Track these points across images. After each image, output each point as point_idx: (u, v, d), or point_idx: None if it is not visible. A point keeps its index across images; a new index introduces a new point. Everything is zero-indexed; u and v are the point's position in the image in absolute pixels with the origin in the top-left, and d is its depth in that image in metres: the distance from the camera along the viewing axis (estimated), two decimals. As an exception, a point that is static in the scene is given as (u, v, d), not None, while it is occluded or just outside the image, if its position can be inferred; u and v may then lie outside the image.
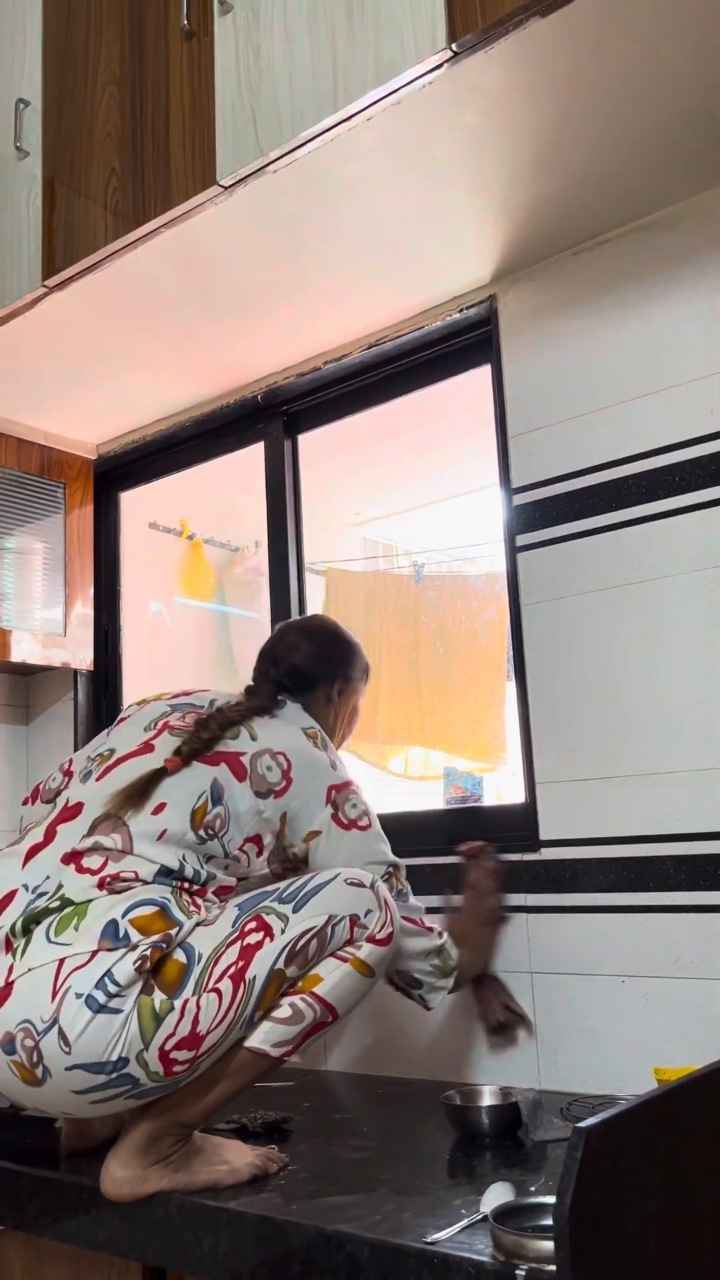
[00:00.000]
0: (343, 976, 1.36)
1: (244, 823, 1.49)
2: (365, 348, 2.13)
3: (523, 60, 1.37)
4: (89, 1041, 1.23)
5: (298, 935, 1.33)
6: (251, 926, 1.33)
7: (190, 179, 1.66)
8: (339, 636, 1.84)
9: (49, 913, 1.32)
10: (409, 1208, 1.20)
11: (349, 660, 1.82)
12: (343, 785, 1.59)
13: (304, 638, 1.80)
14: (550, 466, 1.83)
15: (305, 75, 1.51)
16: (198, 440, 2.50)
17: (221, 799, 1.48)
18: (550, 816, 1.76)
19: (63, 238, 1.86)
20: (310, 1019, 1.34)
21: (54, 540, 2.51)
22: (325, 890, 1.39)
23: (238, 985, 1.29)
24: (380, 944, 1.39)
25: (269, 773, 1.53)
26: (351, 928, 1.37)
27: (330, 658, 1.79)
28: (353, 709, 1.84)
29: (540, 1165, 1.34)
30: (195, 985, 1.28)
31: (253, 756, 1.53)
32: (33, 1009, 1.25)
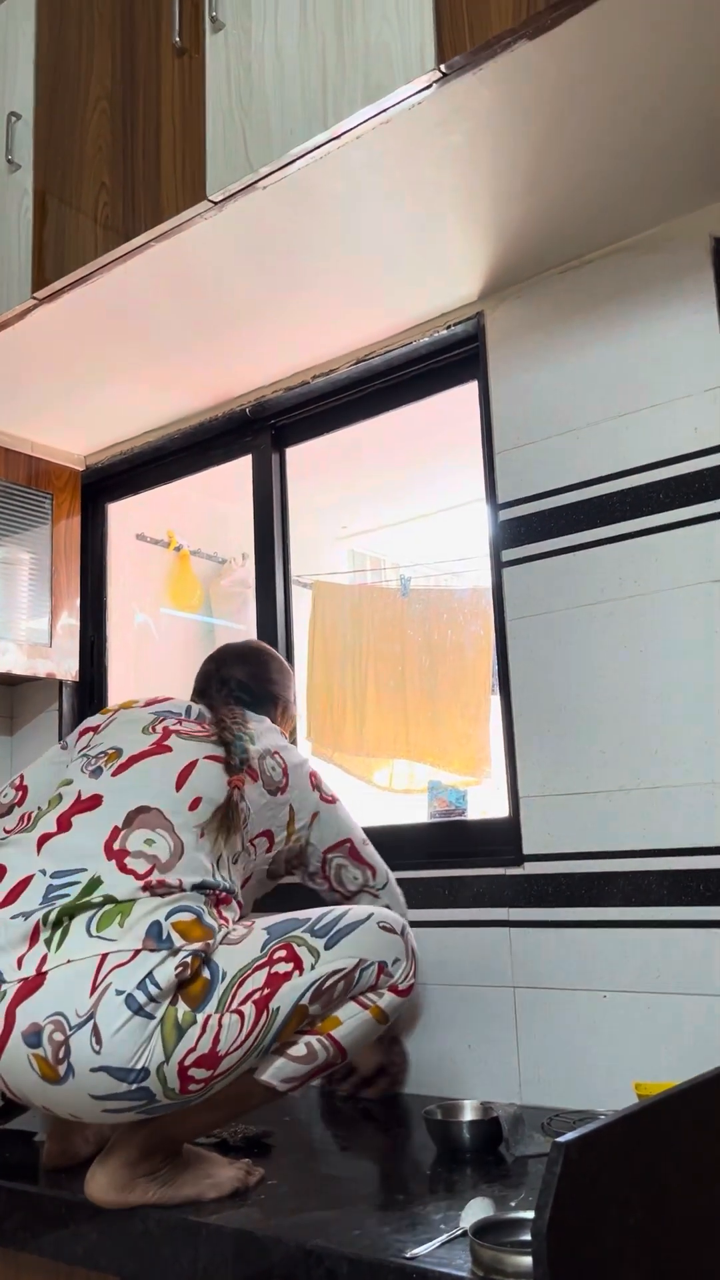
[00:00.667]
0: (360, 1023, 1.36)
1: (259, 818, 1.56)
2: (353, 363, 2.14)
3: (510, 82, 1.39)
4: (121, 1043, 1.21)
5: (326, 974, 1.33)
6: (281, 955, 1.33)
7: (181, 194, 1.67)
8: (282, 662, 1.96)
9: (89, 907, 1.30)
10: (389, 1223, 1.19)
11: (290, 686, 1.94)
12: (313, 772, 1.73)
13: (250, 661, 1.90)
14: (536, 482, 1.84)
15: (295, 93, 1.52)
16: (186, 452, 2.50)
17: (244, 795, 1.54)
18: (534, 831, 1.77)
19: (53, 250, 1.87)
20: (322, 1060, 1.34)
21: (41, 551, 2.51)
22: (359, 931, 1.39)
23: (261, 1012, 1.28)
24: (401, 994, 1.41)
25: (274, 772, 1.62)
26: (378, 975, 1.38)
27: (277, 680, 1.90)
28: (294, 718, 1.97)
29: (521, 1180, 1.34)
30: (219, 1003, 1.27)
31: (259, 759, 1.61)
32: (68, 1002, 1.22)
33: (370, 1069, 1.81)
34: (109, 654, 2.66)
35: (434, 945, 1.85)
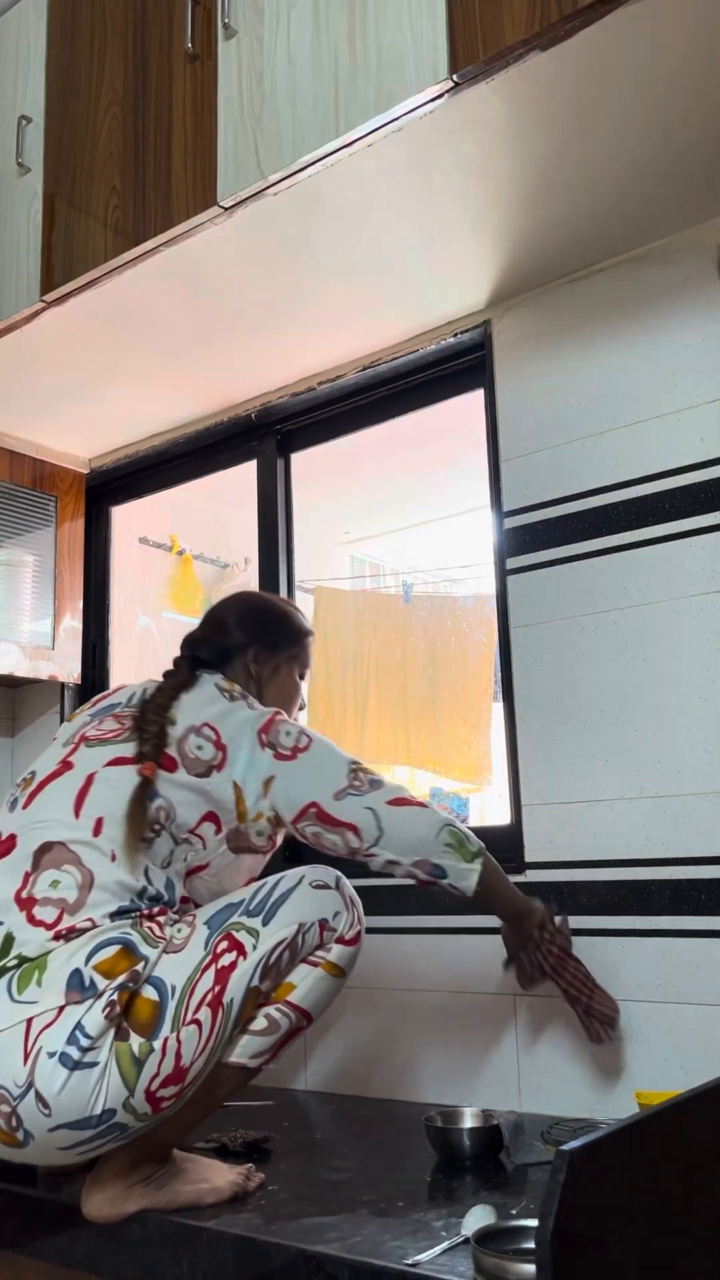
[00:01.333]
0: (315, 982, 1.36)
1: (189, 807, 1.43)
2: (360, 369, 2.15)
3: (522, 92, 1.39)
4: (69, 1100, 1.19)
5: (270, 950, 1.33)
6: (224, 947, 1.31)
7: (191, 199, 1.67)
8: (257, 605, 1.76)
9: (4, 971, 1.26)
10: (389, 1229, 1.19)
11: (267, 626, 1.72)
12: (267, 723, 1.50)
13: (220, 612, 1.74)
14: (541, 491, 1.84)
15: (307, 101, 1.53)
16: (191, 456, 2.51)
17: (157, 793, 1.42)
18: (536, 838, 1.77)
19: (62, 254, 1.88)
20: (286, 1027, 1.34)
21: (44, 553, 2.51)
22: (292, 897, 1.38)
23: (216, 1011, 1.28)
24: (349, 944, 1.39)
25: (201, 751, 1.46)
26: (321, 932, 1.37)
27: (246, 624, 1.70)
28: (283, 682, 1.71)
29: (521, 1188, 1.34)
30: (173, 1021, 1.25)
31: (178, 744, 1.46)
32: (5, 1073, 1.20)
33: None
34: (111, 657, 2.66)
35: (434, 952, 1.85)
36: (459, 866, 1.46)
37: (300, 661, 1.75)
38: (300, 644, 1.75)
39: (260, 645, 1.68)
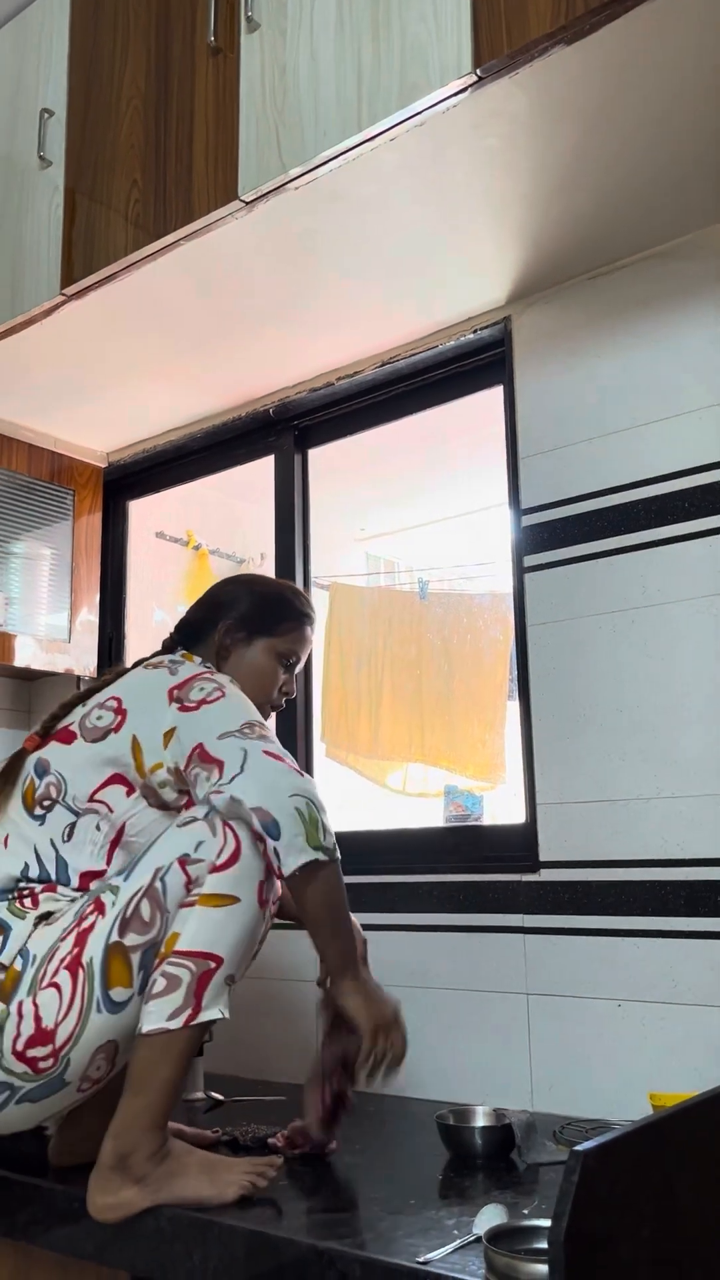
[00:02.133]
0: (198, 921, 1.29)
1: (86, 774, 1.44)
2: (378, 365, 2.14)
3: (546, 86, 1.39)
4: None
5: (125, 902, 1.31)
6: (89, 910, 1.33)
7: (212, 193, 1.67)
8: (251, 581, 1.71)
9: None
10: (401, 1226, 1.19)
11: (253, 601, 1.64)
12: (184, 681, 1.44)
13: (213, 588, 1.72)
14: (560, 488, 1.83)
15: (330, 95, 1.53)
16: (208, 451, 2.51)
17: (48, 769, 1.46)
18: (550, 837, 1.76)
19: (82, 247, 1.88)
20: (189, 978, 1.28)
21: (61, 546, 2.51)
22: (154, 847, 1.35)
23: (75, 972, 1.30)
24: (224, 867, 1.31)
25: (99, 720, 1.46)
26: (183, 869, 1.31)
27: (222, 599, 1.65)
28: (256, 662, 1.61)
29: (533, 1188, 1.33)
30: (29, 987, 1.30)
31: (80, 720, 1.48)
32: None
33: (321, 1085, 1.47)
34: (127, 651, 2.66)
35: (447, 950, 1.84)
36: (295, 839, 1.30)
37: (283, 646, 1.64)
38: (285, 626, 1.64)
39: (237, 618, 1.61)
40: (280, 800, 1.31)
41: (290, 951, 2.04)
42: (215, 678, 1.47)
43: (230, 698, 1.43)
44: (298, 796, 1.32)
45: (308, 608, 1.70)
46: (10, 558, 2.42)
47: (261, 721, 1.42)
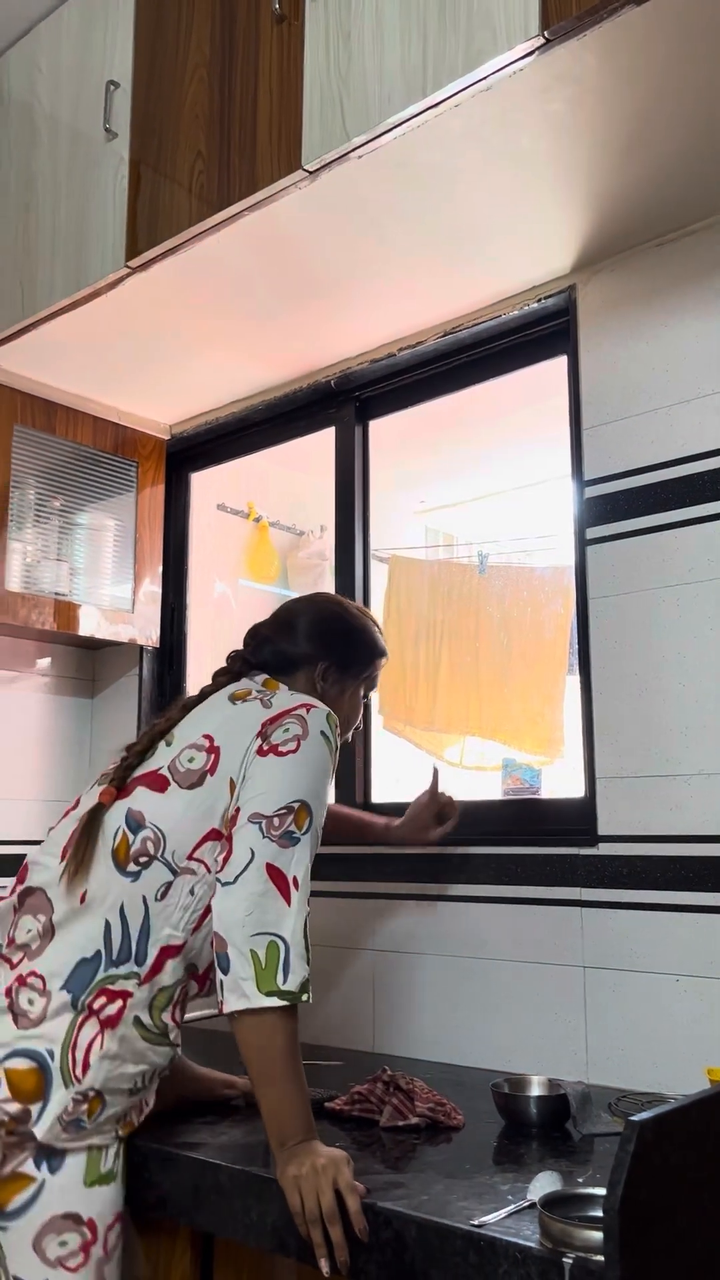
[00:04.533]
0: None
1: (186, 828, 1.33)
2: (441, 335, 2.13)
3: (615, 47, 1.36)
4: None
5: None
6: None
7: (275, 163, 1.67)
8: (338, 616, 1.63)
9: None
10: (455, 1190, 1.21)
11: (346, 643, 1.60)
12: (278, 716, 1.36)
13: (297, 615, 1.63)
14: (624, 460, 1.81)
15: (395, 62, 1.51)
16: (269, 423, 2.52)
17: (143, 822, 1.34)
18: (610, 812, 1.75)
19: (146, 219, 1.89)
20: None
21: (125, 518, 2.55)
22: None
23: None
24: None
25: (192, 763, 1.36)
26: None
27: (319, 636, 1.58)
28: (348, 702, 1.62)
29: (588, 1158, 1.34)
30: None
31: (170, 764, 1.38)
32: None
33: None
34: (189, 621, 2.70)
35: (504, 921, 1.85)
36: (242, 982, 1.21)
37: (369, 682, 1.66)
38: (374, 664, 1.66)
39: (331, 661, 1.57)
40: (241, 936, 1.23)
41: (345, 920, 2.07)
42: (307, 718, 1.37)
43: (302, 754, 1.33)
44: (262, 936, 1.23)
45: (382, 640, 1.71)
46: (76, 528, 2.46)
47: (306, 802, 1.31)
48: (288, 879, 1.26)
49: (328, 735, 1.37)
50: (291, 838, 1.28)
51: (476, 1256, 1.06)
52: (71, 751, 2.66)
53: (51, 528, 2.42)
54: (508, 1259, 1.04)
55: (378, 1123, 1.49)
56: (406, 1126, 1.46)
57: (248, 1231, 1.26)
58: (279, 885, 1.25)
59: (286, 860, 1.27)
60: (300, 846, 1.29)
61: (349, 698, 1.62)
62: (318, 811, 1.32)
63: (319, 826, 1.33)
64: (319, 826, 1.33)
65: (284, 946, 1.23)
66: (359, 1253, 1.14)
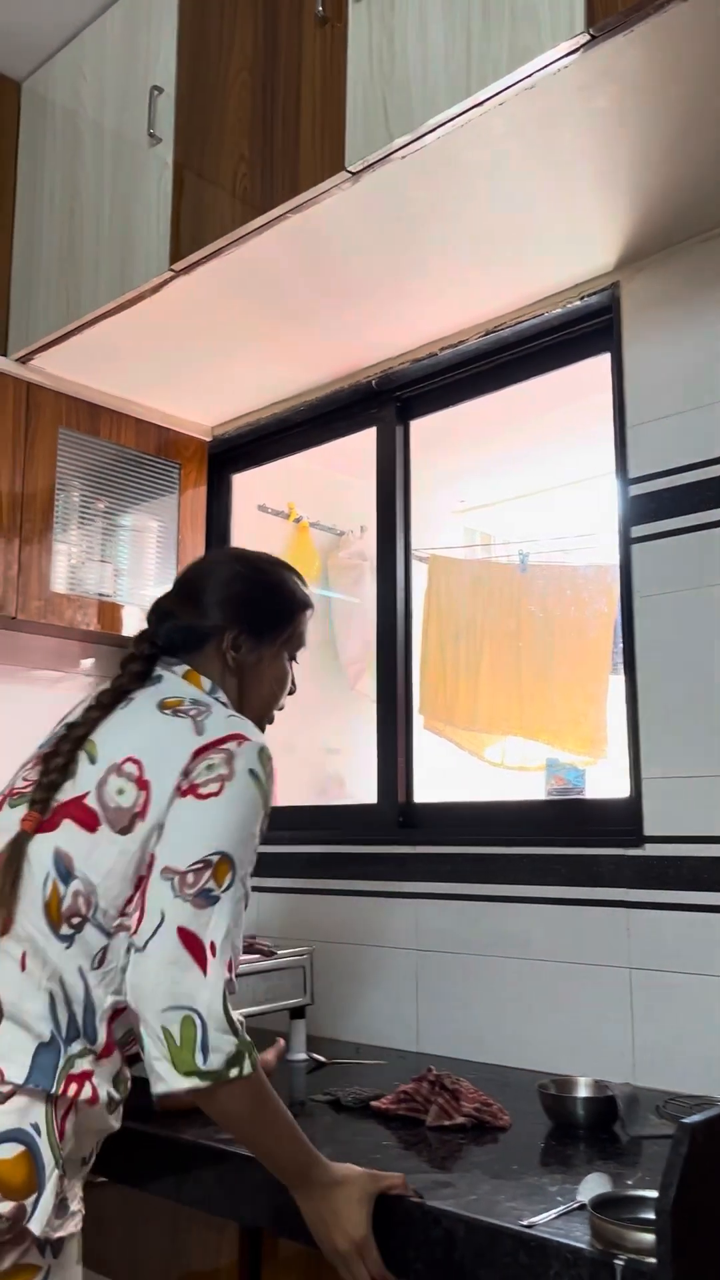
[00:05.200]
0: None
1: (117, 881, 1.14)
2: (482, 334, 2.12)
3: (660, 43, 1.35)
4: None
5: None
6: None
7: (319, 165, 1.67)
8: (239, 575, 1.40)
9: None
10: (504, 1191, 1.21)
11: (255, 603, 1.38)
12: (208, 746, 1.18)
13: (195, 580, 1.41)
14: (669, 457, 1.80)
15: (439, 61, 1.51)
16: (311, 424, 2.52)
17: (73, 871, 1.14)
18: (656, 812, 1.74)
19: (190, 222, 1.90)
20: None
21: (168, 519, 2.57)
22: None
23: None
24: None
25: (122, 797, 1.16)
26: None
27: (223, 601, 1.36)
28: (271, 671, 1.40)
29: (636, 1160, 1.33)
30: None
31: (97, 788, 1.17)
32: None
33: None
34: (230, 622, 2.71)
35: (549, 922, 1.84)
36: (157, 1063, 1.07)
37: (294, 642, 1.44)
38: (294, 622, 1.43)
39: (243, 628, 1.36)
40: (152, 1012, 1.08)
41: (388, 918, 2.07)
42: (235, 754, 1.18)
43: (225, 798, 1.15)
44: (175, 1010, 1.08)
45: (307, 588, 1.49)
46: (119, 530, 2.49)
47: (228, 854, 1.14)
48: (203, 945, 1.10)
49: (257, 774, 1.19)
50: (208, 896, 1.11)
51: (527, 1257, 1.06)
52: (115, 751, 2.68)
53: (95, 529, 2.44)
54: (559, 1260, 1.04)
55: (424, 1122, 1.49)
56: (452, 1126, 1.46)
57: (295, 1227, 1.26)
58: (193, 952, 1.09)
59: (202, 923, 1.10)
60: (219, 906, 1.12)
61: (270, 666, 1.39)
62: (242, 862, 1.15)
63: (245, 877, 1.16)
64: (245, 877, 1.16)
65: (199, 1021, 1.07)
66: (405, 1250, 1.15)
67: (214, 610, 1.36)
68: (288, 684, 1.44)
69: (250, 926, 2.32)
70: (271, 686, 1.41)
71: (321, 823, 2.38)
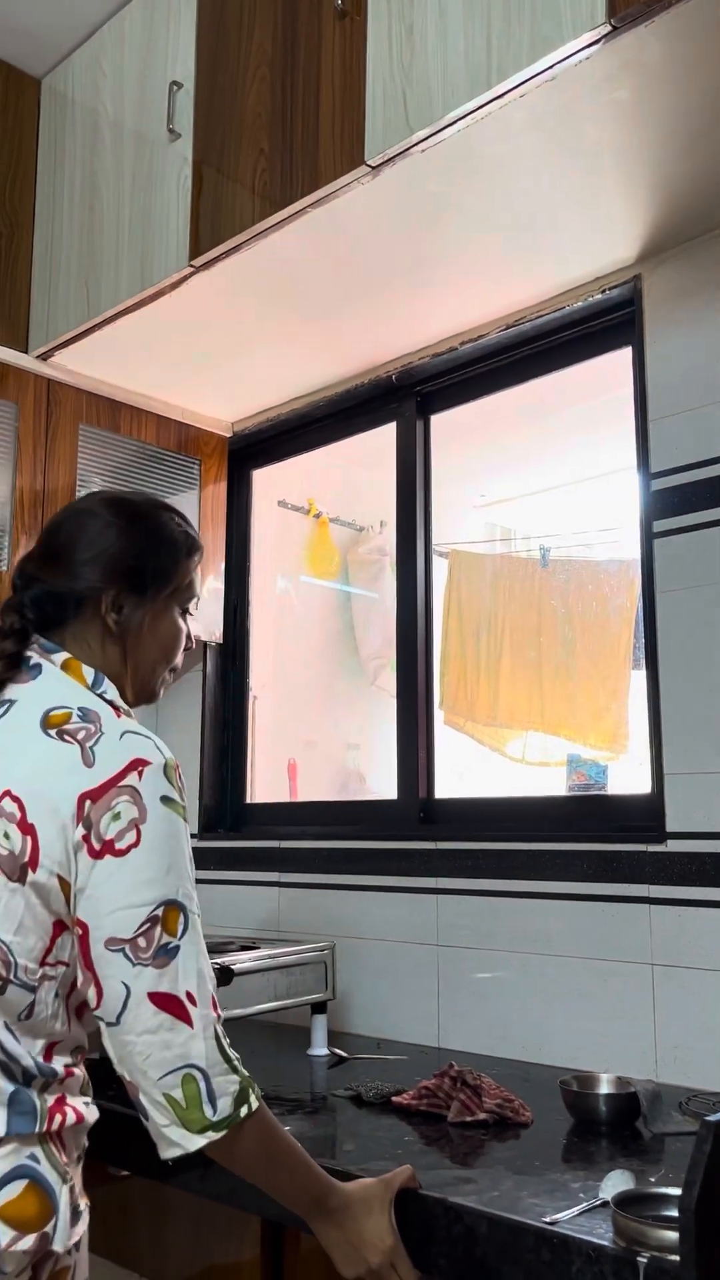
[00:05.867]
0: None
1: (31, 934, 1.05)
2: (502, 328, 2.11)
3: (683, 33, 1.33)
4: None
5: None
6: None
7: (338, 160, 1.67)
8: (109, 524, 1.23)
9: None
10: (526, 1187, 1.20)
11: (132, 554, 1.22)
12: (106, 785, 1.05)
13: (60, 536, 1.24)
14: (692, 451, 1.78)
15: (458, 54, 1.50)
16: (331, 419, 2.52)
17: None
18: (678, 808, 1.73)
19: (210, 218, 1.90)
20: None
21: (188, 515, 2.56)
22: None
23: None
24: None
25: (9, 841, 1.05)
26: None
27: (94, 559, 1.21)
28: (160, 630, 1.25)
29: (659, 1157, 1.33)
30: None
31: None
32: None
33: None
34: (251, 618, 2.72)
35: (570, 918, 1.84)
36: (167, 1129, 1.03)
37: (183, 596, 1.28)
38: (180, 570, 1.27)
39: (122, 586, 1.21)
40: (149, 1083, 1.03)
41: (409, 914, 2.07)
42: (140, 789, 1.06)
43: (147, 843, 1.05)
44: (173, 1075, 1.03)
45: (194, 531, 1.32)
46: (139, 527, 2.49)
47: (175, 901, 1.06)
48: (179, 999, 1.04)
49: (170, 797, 1.08)
50: (167, 950, 1.04)
51: (549, 1253, 1.06)
52: (137, 746, 2.69)
53: (116, 526, 2.45)
54: (581, 1257, 1.04)
55: (445, 1118, 1.49)
56: (474, 1122, 1.46)
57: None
58: (173, 1011, 1.03)
59: (171, 979, 1.04)
60: (182, 954, 1.05)
61: (160, 624, 1.25)
62: (188, 896, 1.07)
63: (195, 911, 1.08)
64: (195, 911, 1.08)
65: (201, 1076, 1.03)
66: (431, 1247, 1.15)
67: (86, 569, 1.20)
68: (181, 641, 1.29)
69: (272, 921, 2.33)
70: (161, 647, 1.26)
71: (343, 818, 2.39)
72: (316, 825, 2.35)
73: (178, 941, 1.05)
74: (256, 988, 1.82)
